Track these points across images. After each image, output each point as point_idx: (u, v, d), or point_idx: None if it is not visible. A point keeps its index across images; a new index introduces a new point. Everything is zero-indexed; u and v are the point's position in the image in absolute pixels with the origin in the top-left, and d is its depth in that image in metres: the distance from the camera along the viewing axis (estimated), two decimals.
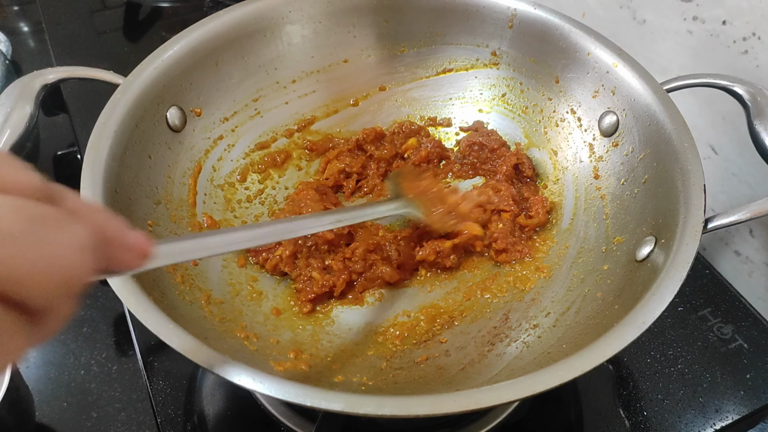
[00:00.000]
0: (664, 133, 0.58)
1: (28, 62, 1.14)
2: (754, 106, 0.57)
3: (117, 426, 0.63)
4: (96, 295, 0.75)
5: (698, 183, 0.53)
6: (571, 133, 0.71)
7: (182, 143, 0.66)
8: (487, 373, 0.55)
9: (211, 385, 0.65)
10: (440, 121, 0.80)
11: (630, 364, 0.68)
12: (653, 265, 0.51)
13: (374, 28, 0.77)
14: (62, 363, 0.69)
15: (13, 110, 0.56)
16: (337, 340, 0.61)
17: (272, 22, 0.72)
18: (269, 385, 0.40)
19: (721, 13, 0.70)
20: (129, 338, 0.70)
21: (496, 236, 0.67)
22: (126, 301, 0.45)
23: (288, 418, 0.61)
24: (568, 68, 0.70)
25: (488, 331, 0.61)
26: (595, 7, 0.87)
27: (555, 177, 0.72)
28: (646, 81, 0.62)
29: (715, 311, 0.73)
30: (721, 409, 0.64)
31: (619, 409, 0.64)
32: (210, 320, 0.56)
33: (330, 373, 0.56)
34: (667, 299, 0.45)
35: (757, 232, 0.75)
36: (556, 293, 0.62)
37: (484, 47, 0.76)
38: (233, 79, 0.71)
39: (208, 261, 0.63)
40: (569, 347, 0.52)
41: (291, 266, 0.64)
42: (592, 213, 0.66)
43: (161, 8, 1.21)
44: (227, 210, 0.69)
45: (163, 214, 0.61)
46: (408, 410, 0.39)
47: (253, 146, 0.74)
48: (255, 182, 0.73)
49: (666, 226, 0.53)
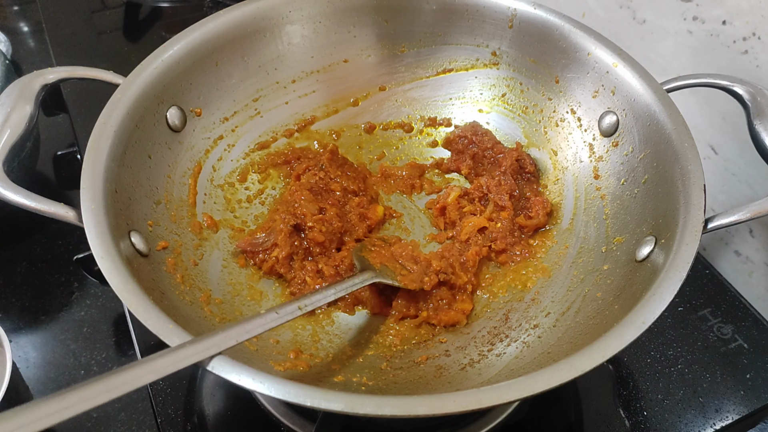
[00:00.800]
0: (664, 133, 0.58)
1: (28, 62, 1.14)
2: (754, 106, 0.57)
3: (117, 426, 0.63)
4: (96, 295, 0.75)
5: (698, 183, 0.53)
6: (571, 133, 0.71)
7: (182, 143, 0.66)
8: (487, 373, 0.55)
9: (211, 385, 0.65)
10: (440, 121, 0.80)
11: (630, 364, 0.68)
12: (653, 265, 0.51)
13: (374, 28, 0.77)
14: (62, 363, 0.69)
15: (13, 110, 0.56)
16: (337, 340, 0.61)
17: (272, 22, 0.72)
18: (269, 385, 0.40)
19: (721, 13, 0.70)
20: (129, 338, 0.70)
21: (495, 236, 0.67)
22: (126, 301, 0.45)
23: (288, 418, 0.61)
24: (568, 68, 0.70)
25: (488, 331, 0.61)
26: (595, 7, 0.87)
27: (555, 177, 0.72)
28: (646, 81, 0.62)
29: (715, 311, 0.73)
30: (721, 409, 0.64)
31: (619, 409, 0.64)
32: (210, 320, 0.56)
33: (330, 373, 0.56)
34: (667, 299, 0.45)
35: (757, 232, 0.75)
36: (556, 293, 0.62)
37: (484, 47, 0.76)
38: (233, 79, 0.71)
39: (209, 261, 0.63)
40: (569, 347, 0.52)
41: (286, 268, 0.64)
42: (592, 213, 0.66)
43: (161, 8, 1.21)
44: (227, 210, 0.69)
45: (163, 214, 0.61)
46: (408, 410, 0.39)
47: (253, 146, 0.74)
48: (255, 182, 0.73)
49: (666, 226, 0.53)
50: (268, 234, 0.66)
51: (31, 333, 0.72)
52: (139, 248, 0.54)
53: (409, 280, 0.61)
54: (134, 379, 0.37)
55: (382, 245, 0.66)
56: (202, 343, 0.42)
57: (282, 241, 0.64)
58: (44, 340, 0.71)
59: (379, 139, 0.80)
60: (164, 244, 0.59)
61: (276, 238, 0.64)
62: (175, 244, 0.60)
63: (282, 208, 0.68)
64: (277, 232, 0.64)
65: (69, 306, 0.75)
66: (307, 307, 0.51)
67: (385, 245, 0.66)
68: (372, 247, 0.65)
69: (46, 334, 0.72)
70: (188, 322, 0.52)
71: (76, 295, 0.76)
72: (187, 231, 0.63)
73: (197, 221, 0.65)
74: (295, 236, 0.65)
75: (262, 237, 0.66)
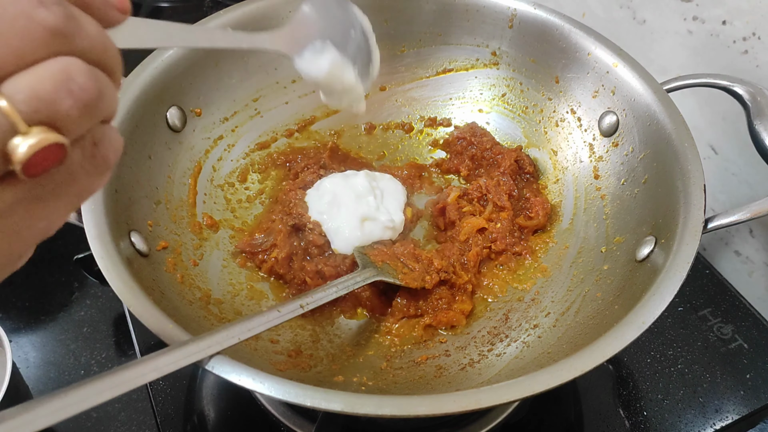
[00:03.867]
0: (664, 133, 0.58)
1: None
2: (754, 106, 0.57)
3: (117, 426, 0.63)
4: (96, 295, 0.75)
5: (698, 183, 0.53)
6: (571, 133, 0.71)
7: (182, 143, 0.66)
8: (487, 373, 0.55)
9: (211, 385, 0.65)
10: (440, 121, 0.80)
11: (630, 364, 0.68)
12: (653, 265, 0.51)
13: (374, 28, 0.76)
14: (62, 363, 0.69)
15: None
16: (337, 340, 0.61)
17: (272, 21, 0.72)
18: (269, 385, 0.40)
19: (721, 13, 0.70)
20: (129, 338, 0.70)
21: (495, 237, 0.67)
22: (126, 301, 0.45)
23: (288, 418, 0.61)
24: (568, 68, 0.70)
25: (488, 331, 0.61)
26: (595, 7, 0.87)
27: (555, 177, 0.72)
28: (646, 81, 0.62)
29: (715, 311, 0.73)
30: (721, 409, 0.64)
31: (619, 409, 0.64)
32: (210, 320, 0.56)
33: (330, 373, 0.56)
34: (667, 299, 0.45)
35: (757, 232, 0.75)
36: (556, 293, 0.62)
37: (484, 47, 0.76)
38: (233, 79, 0.71)
39: (209, 261, 0.63)
40: (569, 347, 0.52)
41: (286, 268, 0.64)
42: (592, 213, 0.66)
43: (161, 8, 1.22)
44: (227, 210, 0.69)
45: (163, 214, 0.61)
46: (408, 410, 0.39)
47: (253, 146, 0.74)
48: (255, 182, 0.73)
49: (666, 226, 0.53)
50: (267, 234, 0.66)
51: (31, 333, 0.72)
52: (139, 248, 0.54)
53: (410, 279, 0.61)
54: (137, 376, 0.37)
55: (384, 244, 0.66)
56: (205, 340, 0.41)
57: (281, 241, 0.64)
58: (44, 340, 0.71)
59: (379, 139, 0.80)
60: (164, 244, 0.59)
61: (275, 238, 0.64)
62: (175, 244, 0.60)
63: (278, 208, 0.68)
64: (276, 233, 0.64)
65: (69, 306, 0.75)
66: (309, 306, 0.51)
67: (387, 244, 0.66)
68: (373, 246, 0.65)
69: (46, 334, 0.72)
70: (188, 322, 0.52)
71: (76, 295, 0.76)
72: (187, 231, 0.63)
73: (197, 221, 0.65)
74: (294, 236, 0.65)
75: (262, 238, 0.66)
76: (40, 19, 0.25)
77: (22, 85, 0.25)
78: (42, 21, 0.25)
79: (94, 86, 0.26)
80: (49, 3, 0.25)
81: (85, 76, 0.26)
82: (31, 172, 0.25)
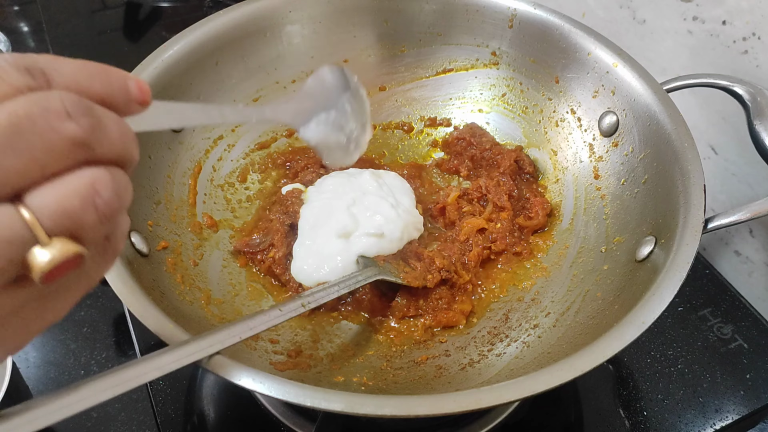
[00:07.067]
0: (664, 133, 0.58)
1: None
2: (754, 106, 0.57)
3: (117, 426, 0.63)
4: (96, 295, 0.75)
5: (698, 183, 0.53)
6: (571, 133, 0.71)
7: (182, 143, 0.66)
8: (487, 373, 0.55)
9: (211, 385, 0.65)
10: (440, 121, 0.80)
11: (630, 364, 0.68)
12: (653, 265, 0.51)
13: (374, 28, 0.77)
14: (62, 363, 0.69)
15: None
16: (337, 340, 0.61)
17: (272, 22, 0.72)
18: (269, 385, 0.40)
19: (721, 13, 0.70)
20: (129, 338, 0.70)
21: (495, 237, 0.67)
22: (126, 301, 0.45)
23: (288, 418, 0.61)
24: (568, 68, 0.70)
25: (488, 331, 0.61)
26: (595, 7, 0.87)
27: (555, 177, 0.72)
28: (646, 81, 0.62)
29: (715, 311, 0.73)
30: (721, 409, 0.64)
31: (619, 409, 0.64)
32: (210, 320, 0.56)
33: (330, 373, 0.56)
34: (667, 299, 0.45)
35: (757, 232, 0.75)
36: (556, 293, 0.62)
37: (484, 47, 0.76)
38: (233, 79, 0.71)
39: (209, 261, 0.63)
40: (569, 347, 0.52)
41: (283, 268, 0.64)
42: (592, 213, 0.66)
43: (161, 8, 1.22)
44: (227, 210, 0.69)
45: (163, 215, 0.61)
46: (408, 410, 0.39)
47: (253, 146, 0.74)
48: (255, 182, 0.73)
49: (666, 226, 0.53)
50: (264, 234, 0.66)
51: None
52: (139, 248, 0.54)
53: (412, 278, 0.61)
54: (137, 376, 0.37)
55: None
56: (205, 339, 0.41)
57: (278, 241, 0.64)
58: (44, 340, 0.71)
59: (379, 140, 0.80)
60: (164, 244, 0.59)
61: (272, 238, 0.64)
62: (175, 244, 0.60)
63: (275, 207, 0.68)
64: (274, 232, 0.64)
65: None
66: (310, 305, 0.51)
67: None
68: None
69: (46, 334, 0.72)
70: (188, 322, 0.52)
71: None
72: (187, 231, 0.63)
73: (197, 221, 0.65)
74: (291, 236, 0.65)
75: (259, 237, 0.66)
76: (67, 133, 0.25)
77: (48, 200, 0.24)
78: (70, 135, 0.25)
79: (118, 199, 0.26)
80: (77, 115, 0.25)
81: (111, 190, 0.26)
82: (48, 281, 0.26)
